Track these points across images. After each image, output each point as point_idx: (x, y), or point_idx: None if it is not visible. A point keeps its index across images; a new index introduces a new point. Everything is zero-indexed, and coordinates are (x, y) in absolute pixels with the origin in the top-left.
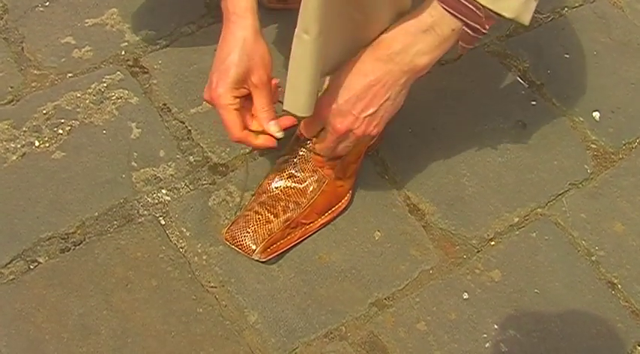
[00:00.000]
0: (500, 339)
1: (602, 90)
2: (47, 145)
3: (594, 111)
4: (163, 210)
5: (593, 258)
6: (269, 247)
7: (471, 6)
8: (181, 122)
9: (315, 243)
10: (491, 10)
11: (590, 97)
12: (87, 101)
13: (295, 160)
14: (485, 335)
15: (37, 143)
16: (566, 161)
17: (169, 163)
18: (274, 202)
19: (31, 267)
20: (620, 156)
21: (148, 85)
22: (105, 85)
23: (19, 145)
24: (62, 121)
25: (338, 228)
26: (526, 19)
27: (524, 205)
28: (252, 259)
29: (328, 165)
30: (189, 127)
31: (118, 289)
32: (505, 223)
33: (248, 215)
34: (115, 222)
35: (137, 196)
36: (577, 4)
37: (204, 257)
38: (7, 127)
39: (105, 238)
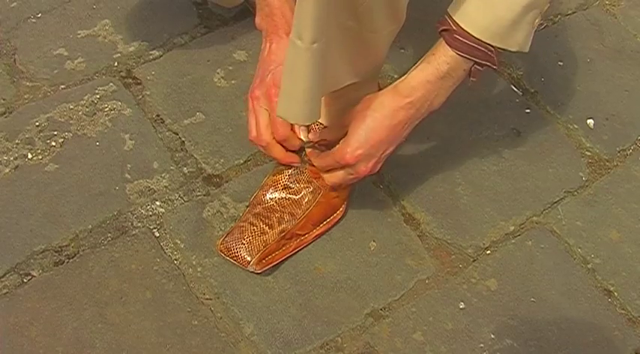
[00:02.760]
0: (497, 348)
1: (596, 97)
2: (40, 157)
3: (588, 118)
4: (157, 222)
5: (589, 266)
6: (264, 259)
7: (482, 48)
8: (175, 133)
9: (311, 253)
10: (499, 48)
11: (584, 105)
12: (80, 113)
13: (290, 171)
14: (482, 345)
15: (29, 156)
16: (561, 169)
17: (163, 175)
18: (269, 214)
19: (25, 280)
20: (615, 163)
21: (141, 97)
22: (98, 96)
23: (11, 158)
24: (55, 133)
25: (333, 238)
26: (527, 48)
27: (519, 213)
28: (248, 270)
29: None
30: (183, 138)
31: (113, 302)
32: (501, 231)
33: (243, 226)
34: (109, 234)
35: (131, 208)
36: (570, 12)
37: (199, 269)
38: None
39: (99, 251)
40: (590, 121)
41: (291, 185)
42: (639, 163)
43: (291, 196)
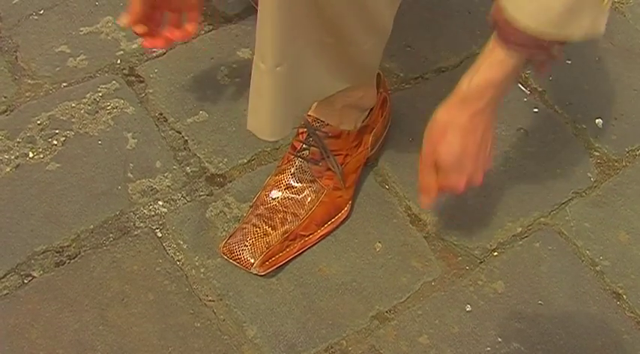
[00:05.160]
0: (503, 352)
1: (605, 96)
2: (41, 156)
3: (597, 118)
4: (160, 222)
5: (598, 268)
6: (267, 261)
7: (532, 41)
8: (178, 132)
9: (315, 255)
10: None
11: (592, 104)
12: (82, 111)
13: (292, 170)
14: (488, 348)
15: (31, 154)
16: (569, 169)
17: (166, 174)
18: (272, 214)
19: (26, 281)
20: (624, 163)
21: (143, 95)
22: (100, 94)
23: (12, 157)
24: (57, 131)
25: (338, 239)
26: (601, 30)
27: (527, 214)
28: (251, 272)
29: (326, 175)
30: (186, 137)
31: (114, 304)
32: (508, 233)
33: (245, 228)
34: (111, 235)
35: (133, 208)
36: None
37: (202, 270)
38: (0, 137)
39: (100, 252)
40: (599, 121)
41: (294, 184)
42: None
43: (293, 195)
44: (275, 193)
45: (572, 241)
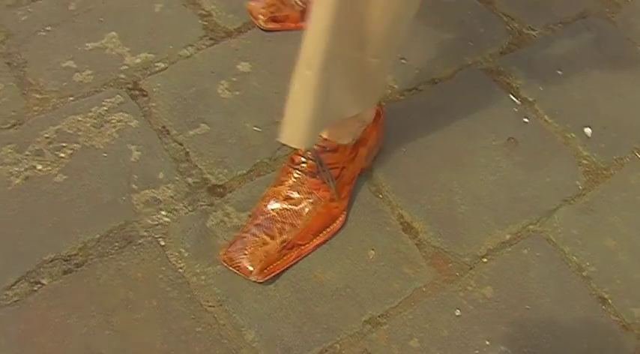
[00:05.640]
0: None
1: (594, 105)
2: (49, 168)
3: (586, 127)
4: (163, 231)
5: (584, 273)
6: (266, 268)
7: None
8: (180, 144)
9: (311, 262)
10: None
11: (582, 113)
12: (88, 125)
13: (291, 182)
14: (477, 351)
15: (39, 167)
16: (558, 177)
17: (168, 185)
18: (270, 224)
19: (35, 288)
20: (612, 171)
21: (147, 108)
22: (105, 108)
23: (22, 169)
24: (64, 144)
25: (333, 247)
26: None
27: (516, 221)
28: (250, 280)
29: (323, 187)
30: (188, 149)
31: (119, 310)
32: (497, 240)
33: (245, 237)
34: (116, 243)
35: (137, 218)
36: (569, 20)
37: (203, 277)
38: (10, 151)
39: (106, 260)
40: (588, 130)
41: (292, 196)
42: (636, 172)
43: (291, 206)
44: (273, 204)
45: (560, 248)
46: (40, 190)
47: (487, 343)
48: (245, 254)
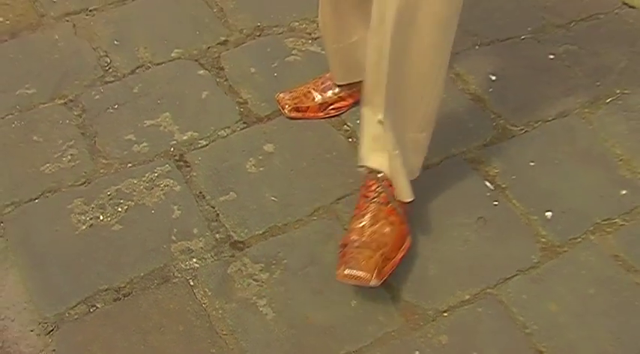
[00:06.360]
0: None
1: (559, 193)
2: (109, 219)
3: (547, 211)
4: (193, 274)
5: (527, 330)
6: (380, 273)
7: None
8: (212, 207)
9: (305, 306)
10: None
11: (545, 199)
12: (141, 187)
13: (370, 214)
14: None
15: (101, 217)
16: (516, 251)
17: (200, 239)
18: (369, 243)
19: (91, 310)
20: (565, 249)
21: (189, 177)
22: (156, 174)
23: (87, 218)
24: (121, 201)
25: (324, 295)
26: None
27: (475, 285)
28: (370, 286)
29: (394, 213)
30: (218, 212)
31: (154, 332)
32: (458, 299)
33: (353, 256)
34: (156, 281)
35: (174, 262)
36: (550, 118)
37: (220, 311)
38: (79, 203)
39: (147, 293)
40: (549, 214)
41: (376, 222)
42: (586, 250)
43: (378, 228)
44: (367, 229)
45: (509, 308)
46: (100, 235)
47: None
48: (360, 268)
